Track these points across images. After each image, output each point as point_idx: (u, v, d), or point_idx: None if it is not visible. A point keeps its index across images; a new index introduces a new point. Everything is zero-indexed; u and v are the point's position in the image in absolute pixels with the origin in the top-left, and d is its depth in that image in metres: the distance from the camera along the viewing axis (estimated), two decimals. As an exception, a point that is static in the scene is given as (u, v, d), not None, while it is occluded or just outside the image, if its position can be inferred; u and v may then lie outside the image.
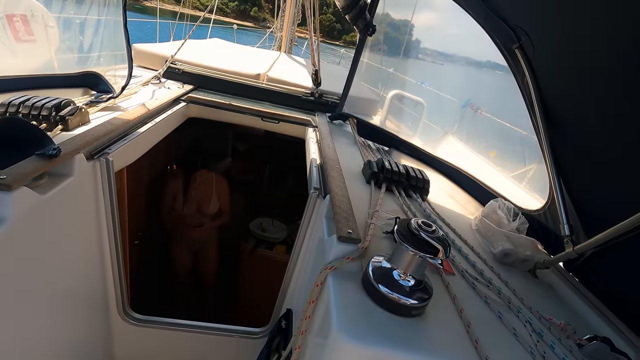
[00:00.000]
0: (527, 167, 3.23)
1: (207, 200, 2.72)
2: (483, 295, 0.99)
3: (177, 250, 2.85)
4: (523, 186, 1.88)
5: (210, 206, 2.72)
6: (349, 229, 0.99)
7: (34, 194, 0.92)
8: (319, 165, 1.56)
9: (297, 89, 2.56)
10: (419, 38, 4.62)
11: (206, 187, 2.72)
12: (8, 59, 3.31)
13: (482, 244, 1.34)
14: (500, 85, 3.11)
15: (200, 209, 2.69)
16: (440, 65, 5.30)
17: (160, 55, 2.52)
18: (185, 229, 2.75)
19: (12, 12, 3.33)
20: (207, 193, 2.72)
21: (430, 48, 5.05)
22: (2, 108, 1.33)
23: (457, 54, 4.40)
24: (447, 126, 3.33)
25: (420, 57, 5.01)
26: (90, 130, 1.25)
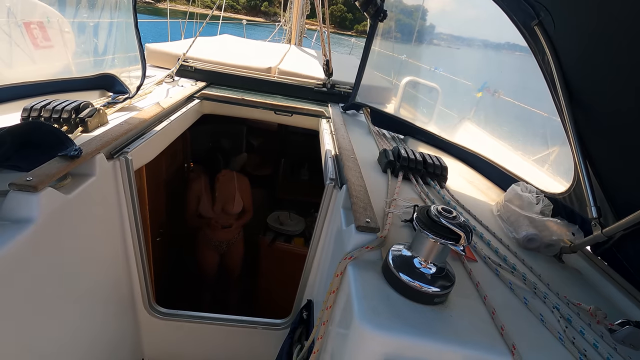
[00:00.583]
0: (549, 150, 3.13)
1: (231, 199, 2.69)
2: (507, 281, 0.97)
3: (204, 253, 2.81)
4: (545, 169, 1.82)
5: (234, 205, 2.70)
6: (367, 218, 0.98)
7: (59, 194, 0.95)
8: (334, 156, 1.55)
9: (309, 80, 2.55)
10: (432, 22, 4.49)
11: (229, 186, 2.71)
12: (28, 66, 3.41)
13: (504, 229, 1.31)
14: (519, 66, 3.01)
15: (225, 209, 2.67)
16: (454, 50, 5.15)
17: (173, 54, 2.54)
18: (213, 231, 2.72)
19: (29, 20, 3.43)
20: (230, 192, 2.70)
21: (443, 32, 4.91)
22: (25, 113, 1.37)
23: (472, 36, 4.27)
24: (464, 111, 3.25)
25: (433, 42, 4.88)
26: (108, 131, 1.27)
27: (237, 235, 2.90)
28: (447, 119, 2.84)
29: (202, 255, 2.82)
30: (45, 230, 0.90)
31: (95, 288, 1.22)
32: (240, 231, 2.93)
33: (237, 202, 2.71)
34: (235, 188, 2.73)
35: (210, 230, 2.71)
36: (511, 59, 3.22)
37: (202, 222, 2.72)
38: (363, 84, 2.21)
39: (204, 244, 2.80)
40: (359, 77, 2.04)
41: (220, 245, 2.80)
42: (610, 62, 1.06)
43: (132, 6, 1.68)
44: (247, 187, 2.82)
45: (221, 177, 2.64)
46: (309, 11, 6.44)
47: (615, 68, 1.06)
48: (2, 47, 3.31)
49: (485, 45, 3.70)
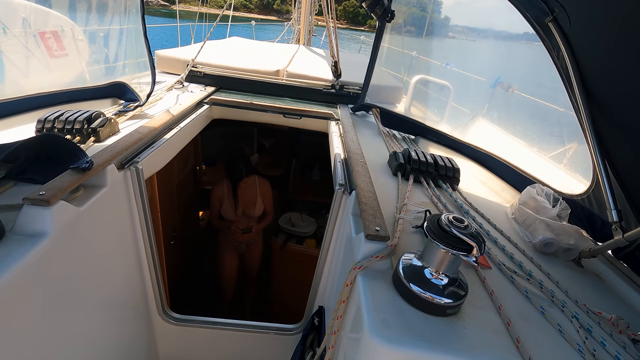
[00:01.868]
0: (566, 147, 3.04)
1: (252, 204, 2.73)
2: (523, 289, 0.94)
3: (224, 253, 2.87)
4: (563, 168, 1.77)
5: (256, 209, 2.73)
6: (377, 226, 0.96)
7: (71, 207, 0.96)
8: (343, 160, 1.54)
9: (318, 82, 2.53)
10: (443, 16, 4.40)
11: (250, 191, 2.73)
12: (45, 75, 3.50)
13: (520, 233, 1.27)
14: (534, 60, 2.92)
15: (247, 212, 2.71)
16: (465, 45, 5.04)
17: (181, 59, 2.56)
18: (234, 234, 2.77)
19: (44, 30, 3.51)
20: (252, 197, 2.73)
21: (455, 26, 4.80)
22: (39, 124, 1.40)
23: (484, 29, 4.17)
24: (476, 108, 3.18)
25: (443, 37, 4.78)
26: (119, 141, 1.29)
27: (257, 236, 2.95)
28: (459, 117, 2.79)
29: (222, 254, 2.88)
30: (58, 243, 0.91)
31: (110, 296, 1.24)
32: (260, 232, 2.97)
33: (259, 206, 2.75)
34: (257, 192, 2.76)
35: (231, 233, 2.76)
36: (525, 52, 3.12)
37: (223, 225, 2.77)
38: (372, 84, 2.18)
39: (224, 244, 2.86)
40: (368, 78, 2.01)
41: (240, 246, 2.86)
42: (630, 57, 1.01)
43: (141, 15, 1.69)
44: (269, 191, 2.84)
45: (243, 183, 2.64)
46: (318, 9, 6.42)
47: (635, 64, 1.01)
48: (19, 57, 3.40)
49: (498, 39, 3.61)
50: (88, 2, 3.29)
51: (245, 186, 2.66)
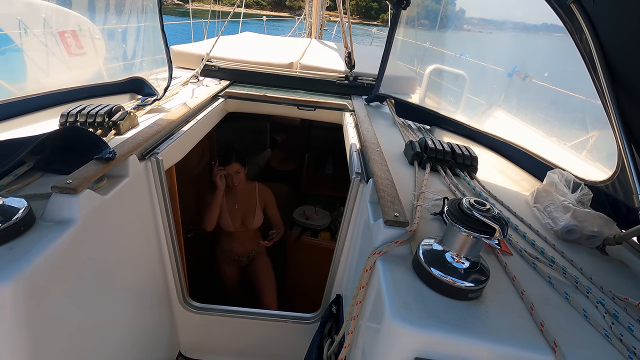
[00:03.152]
0: (588, 135, 2.95)
1: (250, 212, 2.50)
2: (546, 275, 0.93)
3: (224, 267, 2.65)
4: (584, 156, 1.72)
5: (254, 220, 2.50)
6: (396, 212, 0.96)
7: (96, 195, 0.99)
8: (359, 150, 1.53)
9: (331, 74, 2.53)
10: (457, 6, 4.32)
11: (248, 198, 2.51)
12: (65, 73, 3.59)
13: (541, 221, 1.25)
14: (551, 48, 2.85)
15: (245, 223, 2.50)
16: (480, 33, 4.93)
17: (196, 54, 2.60)
18: (234, 245, 2.58)
19: (63, 29, 3.59)
20: (250, 205, 2.51)
21: (469, 15, 4.70)
22: (62, 118, 1.44)
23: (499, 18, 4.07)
24: (493, 98, 3.12)
25: (458, 27, 4.69)
26: (139, 133, 1.32)
27: (258, 247, 2.73)
28: (475, 107, 2.74)
29: (221, 267, 2.66)
30: (85, 229, 0.95)
31: (133, 283, 1.27)
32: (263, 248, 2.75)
33: (257, 216, 2.52)
34: (256, 200, 2.54)
35: (231, 244, 2.59)
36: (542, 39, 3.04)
37: (221, 237, 2.61)
38: (386, 75, 2.17)
39: (222, 258, 2.65)
40: (382, 68, 2.00)
41: (240, 259, 2.66)
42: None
43: (158, 10, 1.72)
44: (272, 199, 2.59)
45: (238, 185, 2.39)
46: (328, 3, 6.38)
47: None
48: (40, 56, 3.49)
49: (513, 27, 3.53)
50: (106, 2, 3.36)
51: (242, 191, 2.46)
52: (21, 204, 0.87)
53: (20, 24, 3.23)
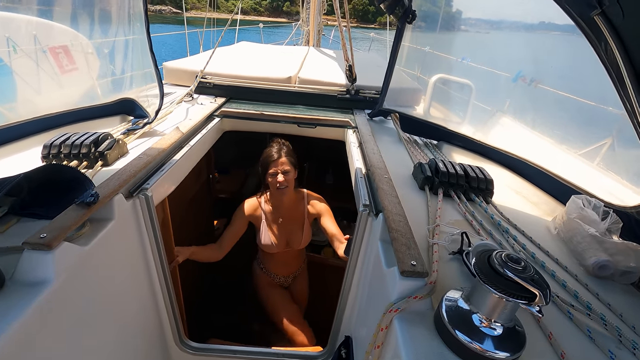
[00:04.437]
0: (601, 142, 2.84)
1: (298, 229, 2.02)
2: (584, 327, 0.82)
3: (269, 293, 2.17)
4: (611, 176, 1.61)
5: (302, 239, 2.02)
6: (412, 259, 0.85)
7: (75, 248, 0.89)
8: (365, 176, 1.43)
9: (332, 87, 2.42)
10: (456, 8, 4.22)
11: (296, 211, 2.01)
12: (56, 91, 3.49)
13: (567, 254, 1.14)
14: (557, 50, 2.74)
15: (290, 243, 2.04)
16: (482, 36, 4.83)
17: (190, 70, 2.49)
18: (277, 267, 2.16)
19: (54, 45, 3.50)
20: (297, 220, 2.01)
21: (469, 17, 4.59)
22: (45, 150, 1.34)
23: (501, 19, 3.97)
24: (499, 107, 3.02)
25: (458, 30, 4.59)
26: (127, 166, 1.21)
27: (304, 263, 2.33)
28: (482, 119, 2.64)
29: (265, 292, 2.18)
30: (63, 289, 0.84)
31: (123, 332, 1.16)
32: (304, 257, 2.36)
33: (306, 234, 2.01)
34: (304, 214, 2.01)
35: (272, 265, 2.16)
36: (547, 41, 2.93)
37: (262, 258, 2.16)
38: (390, 88, 2.06)
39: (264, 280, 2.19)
40: (387, 83, 1.89)
41: (286, 279, 2.24)
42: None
43: (146, 29, 1.62)
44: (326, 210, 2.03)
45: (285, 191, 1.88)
46: (326, 9, 6.30)
47: None
48: (30, 74, 3.39)
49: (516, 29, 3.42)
50: (90, 14, 3.26)
51: (289, 201, 1.98)
52: (-14, 267, 0.76)
53: (8, 42, 3.13)
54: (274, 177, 1.85)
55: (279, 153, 1.85)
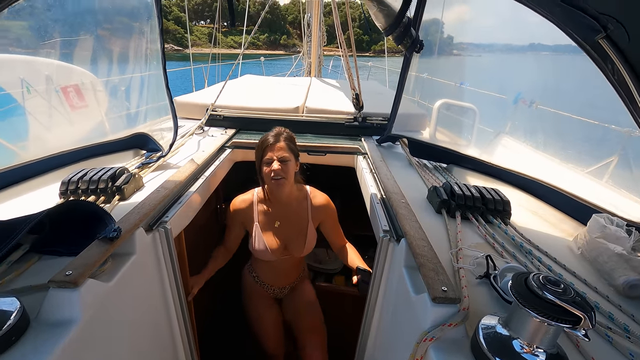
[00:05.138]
0: (607, 160, 2.85)
1: (300, 234, 1.71)
2: (626, 350, 0.79)
3: (259, 306, 1.90)
4: (624, 192, 1.61)
5: (305, 245, 1.71)
6: (443, 284, 0.84)
7: (100, 284, 0.88)
8: (381, 201, 1.43)
9: (339, 115, 2.47)
10: (452, 34, 4.37)
11: (298, 210, 1.72)
12: (66, 128, 3.57)
13: (594, 273, 1.12)
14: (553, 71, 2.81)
15: (290, 249, 1.73)
16: (478, 62, 4.98)
17: (200, 104, 2.56)
18: (272, 277, 1.88)
19: (65, 84, 3.62)
20: (299, 222, 1.72)
21: (465, 42, 4.74)
22: (63, 186, 1.35)
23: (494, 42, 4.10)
24: (502, 129, 3.06)
25: (454, 55, 4.73)
26: (146, 200, 1.22)
27: (303, 273, 2.02)
28: (487, 140, 2.67)
29: (254, 305, 1.90)
30: (88, 326, 0.82)
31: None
32: (304, 265, 2.06)
33: (310, 239, 1.71)
34: (307, 214, 1.71)
35: (267, 274, 1.87)
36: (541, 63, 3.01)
37: (254, 260, 1.88)
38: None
39: (254, 290, 1.90)
40: (395, 110, 1.93)
41: (282, 290, 1.95)
42: None
43: (162, 67, 1.66)
44: (331, 212, 1.77)
45: (283, 185, 1.57)
46: (325, 42, 6.53)
47: None
48: (42, 113, 3.48)
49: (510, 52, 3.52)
50: (109, 55, 3.39)
51: (288, 198, 1.69)
52: (13, 306, 0.75)
53: (22, 83, 3.24)
54: (269, 166, 1.54)
55: (277, 137, 1.56)
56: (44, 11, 2.37)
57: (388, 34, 1.48)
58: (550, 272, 1.07)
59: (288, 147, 1.57)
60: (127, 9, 2.68)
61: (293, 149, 1.61)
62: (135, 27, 2.72)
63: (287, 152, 1.56)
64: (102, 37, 3.20)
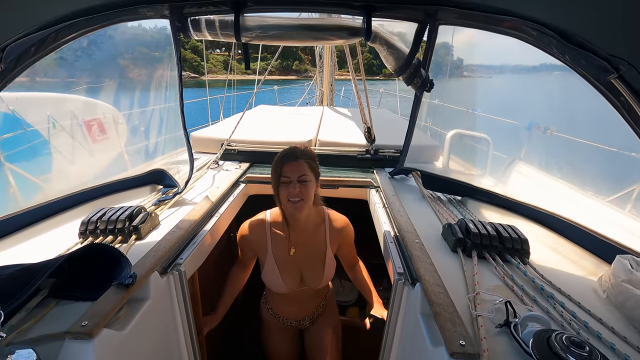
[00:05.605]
0: (629, 189, 2.76)
1: (317, 261, 1.55)
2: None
3: (275, 338, 1.79)
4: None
5: (323, 276, 1.55)
6: (460, 337, 0.81)
7: (115, 334, 0.88)
8: (395, 239, 1.41)
9: (351, 148, 2.50)
10: (463, 61, 4.41)
11: (314, 236, 1.55)
12: (88, 159, 3.71)
13: (622, 320, 1.06)
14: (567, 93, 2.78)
15: (307, 281, 1.57)
16: (489, 85, 4.99)
17: (215, 139, 2.63)
18: (288, 309, 1.72)
19: (88, 118, 3.78)
20: (316, 249, 1.55)
21: (475, 65, 4.77)
22: (82, 226, 1.39)
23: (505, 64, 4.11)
24: (517, 155, 3.02)
25: (466, 78, 4.76)
26: (161, 242, 1.24)
27: (328, 296, 1.84)
28: (502, 171, 2.64)
29: (271, 337, 1.78)
30: None
31: None
32: (330, 289, 1.88)
33: (328, 268, 1.54)
34: (325, 240, 1.54)
35: (282, 306, 1.73)
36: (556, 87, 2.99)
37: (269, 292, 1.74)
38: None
39: (271, 322, 1.77)
40: (407, 145, 1.94)
41: (302, 322, 1.78)
42: None
43: (179, 93, 1.70)
44: (349, 236, 1.63)
45: (300, 208, 1.40)
46: (337, 69, 6.70)
47: None
48: (66, 146, 3.63)
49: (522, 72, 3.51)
50: (130, 88, 3.56)
51: (305, 223, 1.51)
52: (30, 359, 0.76)
53: (49, 119, 3.41)
54: (286, 187, 1.38)
55: (295, 155, 1.40)
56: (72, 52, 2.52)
57: (399, 74, 1.52)
58: (575, 319, 1.02)
59: (309, 167, 1.41)
60: (147, 41, 2.81)
61: (314, 168, 1.45)
62: (155, 58, 2.86)
63: (308, 171, 1.40)
64: (124, 71, 3.37)
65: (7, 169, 2.87)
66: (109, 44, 2.58)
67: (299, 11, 1.55)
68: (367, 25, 1.37)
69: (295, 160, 1.39)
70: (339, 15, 1.50)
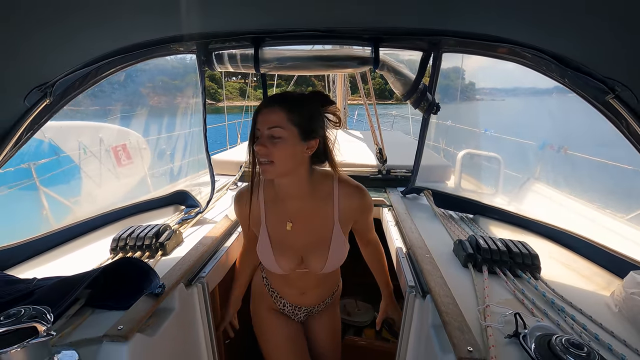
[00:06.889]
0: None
1: (321, 241, 1.25)
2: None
3: (271, 323, 1.50)
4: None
5: (327, 257, 1.24)
6: (468, 344, 0.85)
7: (146, 339, 0.96)
8: (407, 255, 1.46)
9: (364, 169, 2.58)
10: (474, 83, 4.51)
11: (317, 208, 1.23)
12: (113, 182, 3.90)
13: (634, 333, 1.07)
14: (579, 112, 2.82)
15: (307, 262, 1.28)
16: (501, 107, 5.05)
17: (234, 161, 2.77)
18: (287, 290, 1.45)
19: (116, 144, 4.02)
20: (320, 223, 1.24)
21: (487, 88, 4.85)
22: (114, 243, 1.50)
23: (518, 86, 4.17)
24: (530, 175, 3.03)
25: (478, 101, 4.83)
26: (186, 257, 1.33)
27: (332, 297, 1.57)
28: (514, 189, 2.66)
29: (266, 322, 1.50)
30: None
31: None
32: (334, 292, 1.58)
33: (337, 247, 1.23)
34: (332, 213, 1.22)
35: (281, 285, 1.46)
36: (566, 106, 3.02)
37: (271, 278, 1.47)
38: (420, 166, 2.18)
39: (263, 303, 1.51)
40: (417, 165, 2.02)
41: (296, 313, 1.51)
42: None
43: (203, 119, 1.80)
44: (368, 207, 1.31)
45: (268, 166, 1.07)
46: (350, 92, 6.89)
47: None
48: (94, 170, 3.85)
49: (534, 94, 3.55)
50: (157, 116, 3.79)
51: (299, 195, 1.21)
52: (73, 358, 0.84)
53: (80, 145, 3.65)
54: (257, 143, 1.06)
55: (272, 99, 1.07)
56: (109, 85, 2.73)
57: (406, 99, 1.61)
58: (585, 331, 1.04)
59: (287, 116, 1.03)
60: (174, 73, 3.02)
61: (298, 119, 1.04)
62: (180, 88, 3.06)
63: (284, 122, 1.03)
64: (151, 100, 3.62)
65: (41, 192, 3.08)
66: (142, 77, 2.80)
67: (312, 44, 1.69)
68: (375, 54, 1.48)
69: (268, 107, 1.05)
70: (349, 47, 1.63)
